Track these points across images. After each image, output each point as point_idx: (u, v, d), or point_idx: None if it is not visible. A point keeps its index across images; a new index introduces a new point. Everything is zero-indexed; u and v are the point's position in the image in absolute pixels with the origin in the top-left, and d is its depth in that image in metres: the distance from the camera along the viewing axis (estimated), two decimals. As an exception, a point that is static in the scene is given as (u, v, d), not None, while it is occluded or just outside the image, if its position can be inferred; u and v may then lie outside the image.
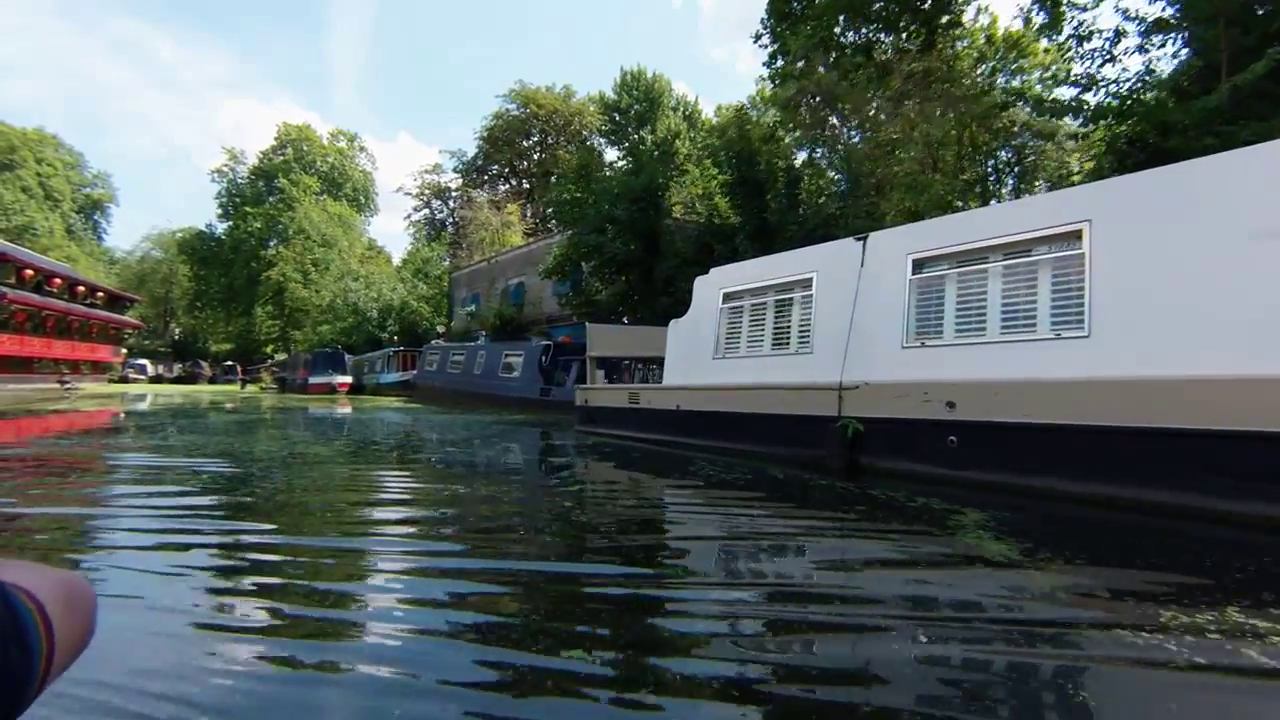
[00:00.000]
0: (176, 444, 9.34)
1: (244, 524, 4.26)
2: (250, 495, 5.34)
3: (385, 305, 34.66)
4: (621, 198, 18.53)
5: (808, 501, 5.44)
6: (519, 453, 8.93)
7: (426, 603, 2.77)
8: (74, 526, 4.26)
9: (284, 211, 62.35)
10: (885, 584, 3.14)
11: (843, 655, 2.31)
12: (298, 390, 30.93)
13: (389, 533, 4.19)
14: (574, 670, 2.12)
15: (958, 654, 2.24)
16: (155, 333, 74.64)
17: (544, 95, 53.59)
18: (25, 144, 64.21)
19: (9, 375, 36.75)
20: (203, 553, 3.56)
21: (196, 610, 2.63)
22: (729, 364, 8.30)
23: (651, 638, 2.45)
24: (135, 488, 5.90)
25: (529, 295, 27.36)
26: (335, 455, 8.33)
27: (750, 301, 8.22)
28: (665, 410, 8.89)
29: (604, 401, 10.31)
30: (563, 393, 15.58)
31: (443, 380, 21.36)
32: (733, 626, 2.56)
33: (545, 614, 2.70)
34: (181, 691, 1.94)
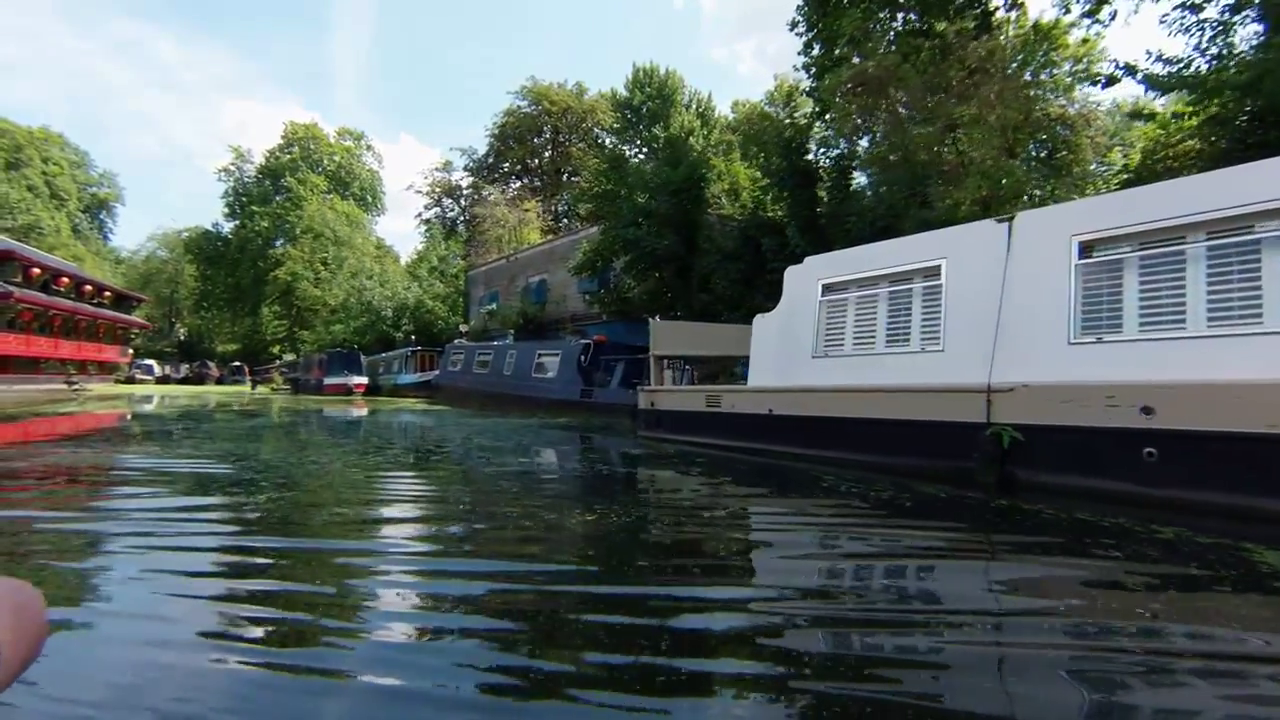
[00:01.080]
0: (191, 448, 8.79)
1: (282, 538, 3.96)
2: (277, 506, 4.85)
3: (400, 304, 33.82)
4: (661, 190, 17.67)
5: (962, 521, 4.65)
6: (575, 460, 8.10)
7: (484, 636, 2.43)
8: (83, 532, 4.07)
9: (291, 210, 61.61)
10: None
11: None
12: (312, 391, 30.11)
13: (446, 550, 3.68)
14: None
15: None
16: (161, 333, 73.92)
17: (556, 92, 52.79)
18: (31, 143, 63.56)
19: (15, 376, 36.00)
20: (222, 560, 3.44)
21: (201, 617, 2.55)
22: (831, 363, 7.44)
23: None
24: (146, 492, 5.60)
25: (552, 293, 26.52)
26: (365, 462, 7.54)
27: (856, 293, 7.36)
28: (753, 415, 8.04)
29: (674, 405, 9.46)
30: (606, 394, 14.75)
31: (468, 381, 20.50)
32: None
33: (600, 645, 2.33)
34: (184, 698, 1.93)
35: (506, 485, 6.14)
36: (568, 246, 26.35)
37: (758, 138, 17.98)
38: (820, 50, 21.10)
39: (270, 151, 68.28)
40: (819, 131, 17.28)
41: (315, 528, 4.23)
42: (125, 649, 2.26)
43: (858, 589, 3.13)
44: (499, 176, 53.94)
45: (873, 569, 3.42)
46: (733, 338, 10.85)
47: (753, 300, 17.78)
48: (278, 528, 4.20)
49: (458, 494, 5.73)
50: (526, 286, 28.16)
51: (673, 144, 19.52)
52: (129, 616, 2.54)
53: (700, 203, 18.40)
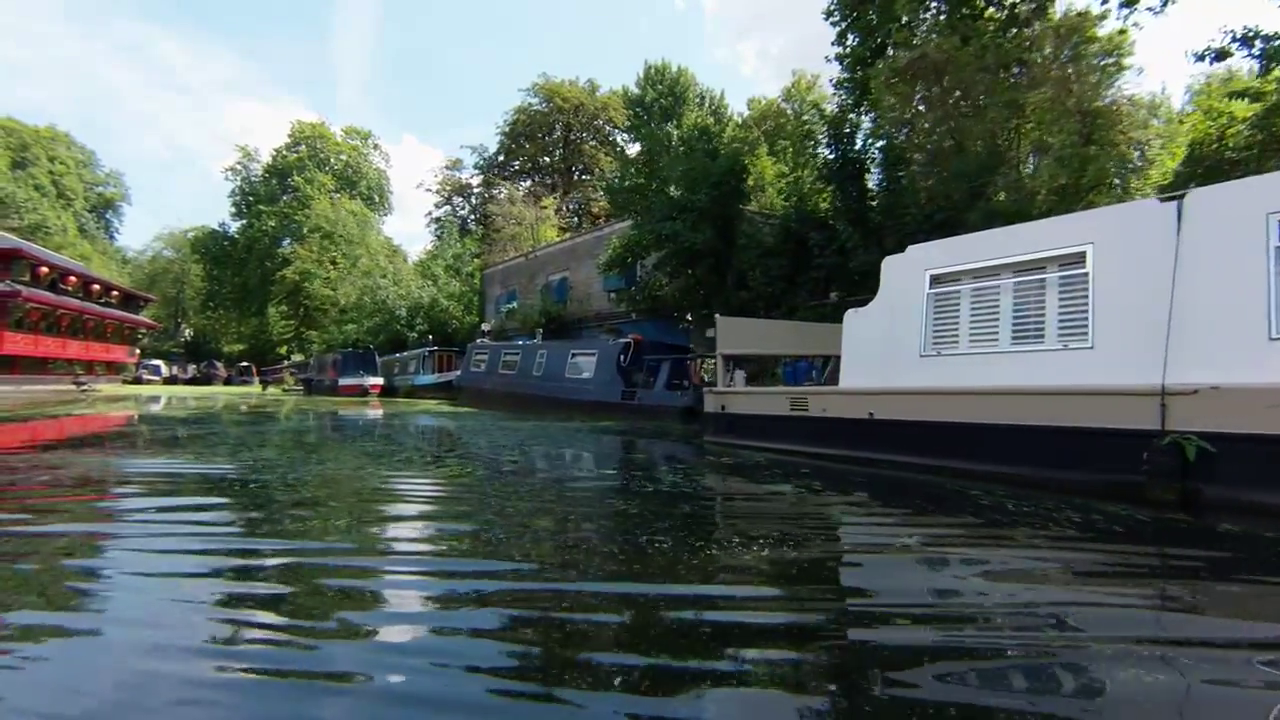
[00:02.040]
0: (205, 451, 8.37)
1: (313, 543, 3.81)
2: (310, 514, 4.59)
3: (414, 303, 33.10)
4: (701, 182, 16.92)
5: (1146, 543, 3.99)
6: (641, 468, 7.33)
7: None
8: (90, 534, 4.01)
9: (298, 210, 61.02)
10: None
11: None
12: (326, 392, 29.39)
13: (512, 572, 3.25)
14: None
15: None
16: (167, 333, 73.37)
17: (568, 88, 52.13)
18: (38, 142, 63.10)
19: (23, 376, 35.39)
20: (229, 564, 3.38)
21: (205, 622, 2.51)
22: (944, 363, 6.70)
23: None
24: (155, 495, 5.42)
25: (575, 291, 25.78)
26: (404, 471, 6.83)
27: (973, 285, 6.62)
28: (850, 419, 7.30)
29: (750, 408, 8.72)
30: (651, 396, 14.01)
31: (494, 382, 19.75)
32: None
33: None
34: (187, 702, 1.91)
35: (572, 497, 5.41)
36: (591, 243, 25.63)
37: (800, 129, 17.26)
38: (856, 40, 20.42)
39: (277, 150, 67.70)
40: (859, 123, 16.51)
41: (355, 538, 3.98)
42: (129, 653, 2.23)
43: (1012, 615, 2.67)
44: (510, 175, 53.28)
45: (1038, 591, 3.04)
46: (807, 335, 10.14)
47: (794, 298, 17.05)
48: (308, 535, 3.98)
49: (516, 506, 5.00)
50: (547, 285, 27.43)
51: (707, 135, 18.76)
52: (132, 621, 2.50)
53: (739, 196, 17.65)
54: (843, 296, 15.97)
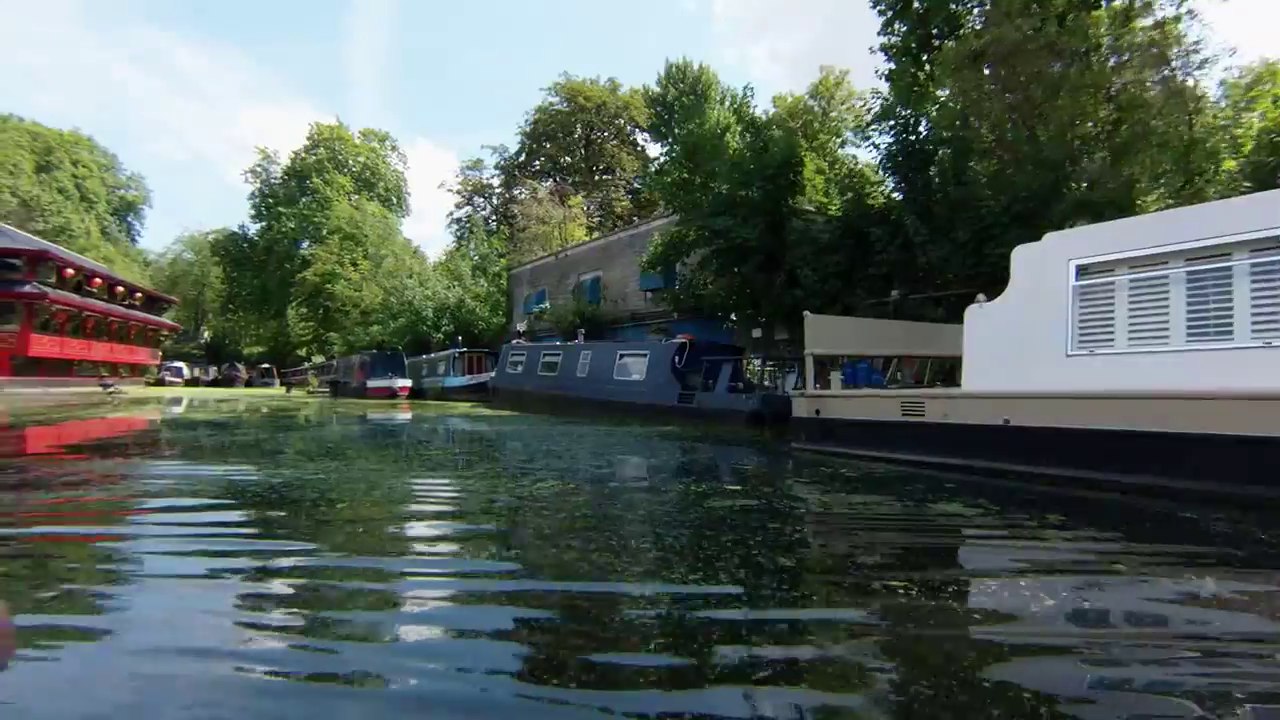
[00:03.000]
0: (241, 457, 8.20)
1: (364, 559, 3.66)
2: (362, 529, 4.42)
3: (440, 304, 32.58)
4: (754, 175, 16.20)
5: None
6: (730, 481, 6.63)
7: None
8: (114, 535, 4.09)
9: (317, 211, 60.89)
10: None
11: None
12: (353, 394, 28.92)
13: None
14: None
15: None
16: (187, 335, 73.52)
17: (590, 88, 51.59)
18: (62, 145, 63.40)
19: (50, 378, 35.22)
20: (251, 568, 3.36)
21: (225, 627, 2.50)
22: (1099, 362, 5.96)
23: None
24: (182, 501, 5.34)
25: (609, 291, 25.13)
26: (450, 482, 6.25)
27: (1131, 275, 5.87)
28: (979, 426, 6.56)
29: (852, 413, 8.00)
30: (711, 399, 13.29)
31: (533, 384, 19.10)
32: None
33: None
34: (207, 703, 1.92)
35: (662, 511, 4.72)
36: (626, 241, 24.99)
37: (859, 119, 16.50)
38: (906, 29, 19.63)
39: (296, 153, 67.71)
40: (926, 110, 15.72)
41: (391, 545, 3.94)
42: (147, 655, 2.23)
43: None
44: (531, 175, 52.81)
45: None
46: (906, 334, 9.43)
47: (851, 296, 16.29)
48: (362, 550, 3.85)
49: (593, 520, 4.41)
50: (579, 284, 26.80)
51: (756, 127, 18.05)
52: (151, 624, 2.50)
53: (793, 190, 16.90)
54: (905, 294, 15.21)
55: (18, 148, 57.01)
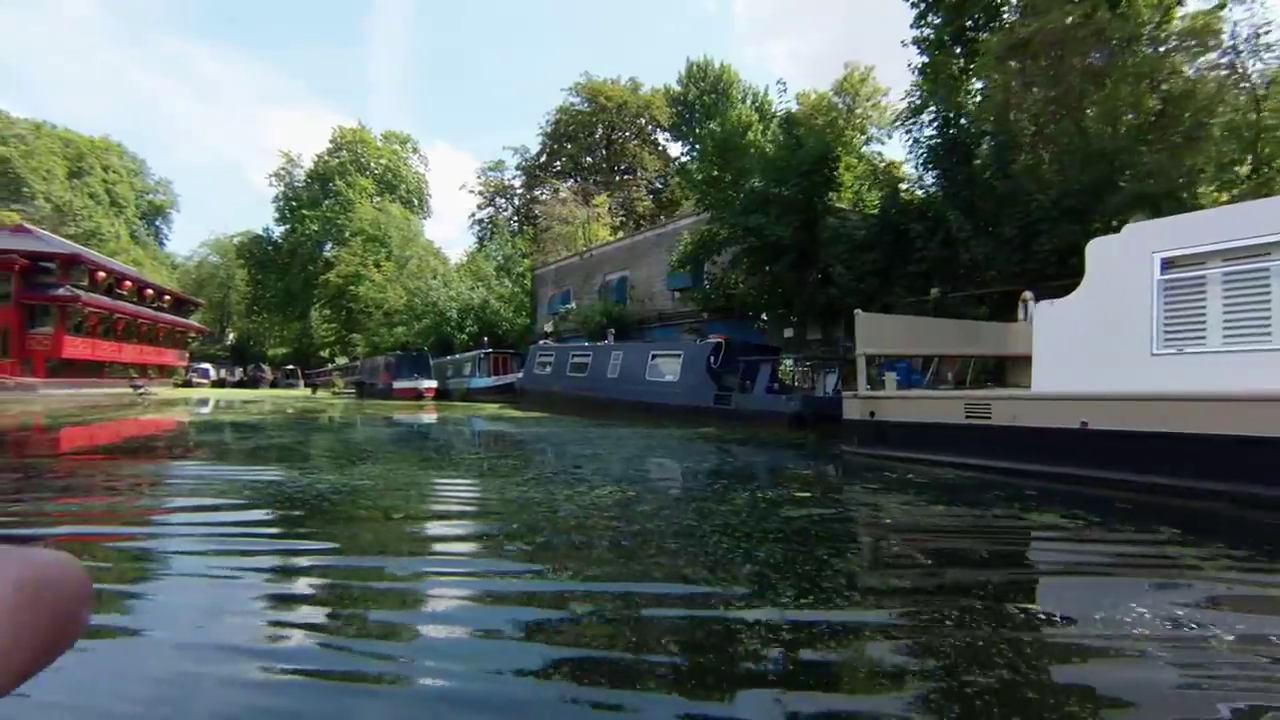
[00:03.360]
0: (275, 459, 8.16)
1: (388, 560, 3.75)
2: (392, 532, 4.40)
3: (465, 305, 32.55)
4: (789, 171, 15.86)
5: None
6: (766, 485, 6.34)
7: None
8: (142, 535, 4.10)
9: (340, 214, 61.40)
10: None
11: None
12: (379, 395, 28.95)
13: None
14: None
15: None
16: (212, 337, 74.55)
17: (611, 87, 51.44)
18: (92, 151, 64.63)
19: (82, 380, 35.80)
20: (279, 568, 3.39)
21: (250, 626, 2.53)
22: (1190, 362, 5.59)
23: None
24: (212, 501, 5.37)
25: (636, 291, 24.88)
26: (493, 487, 5.93)
27: (1226, 268, 5.50)
28: (1052, 429, 6.22)
29: (910, 415, 7.67)
30: (749, 400, 12.98)
31: (561, 385, 18.90)
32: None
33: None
34: (230, 703, 1.93)
35: (714, 517, 4.44)
36: (653, 241, 24.73)
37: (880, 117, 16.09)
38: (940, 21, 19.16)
39: (319, 156, 68.34)
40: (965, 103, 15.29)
41: (423, 546, 3.97)
42: (173, 655, 2.24)
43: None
44: (553, 175, 52.78)
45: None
46: (960, 333, 9.07)
47: (888, 294, 15.89)
48: (385, 549, 3.93)
49: (641, 528, 4.12)
50: (605, 285, 26.58)
51: (791, 122, 17.71)
52: (177, 624, 2.50)
53: (828, 186, 16.52)
54: (945, 291, 14.79)
55: (51, 154, 58.19)
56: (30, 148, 56.18)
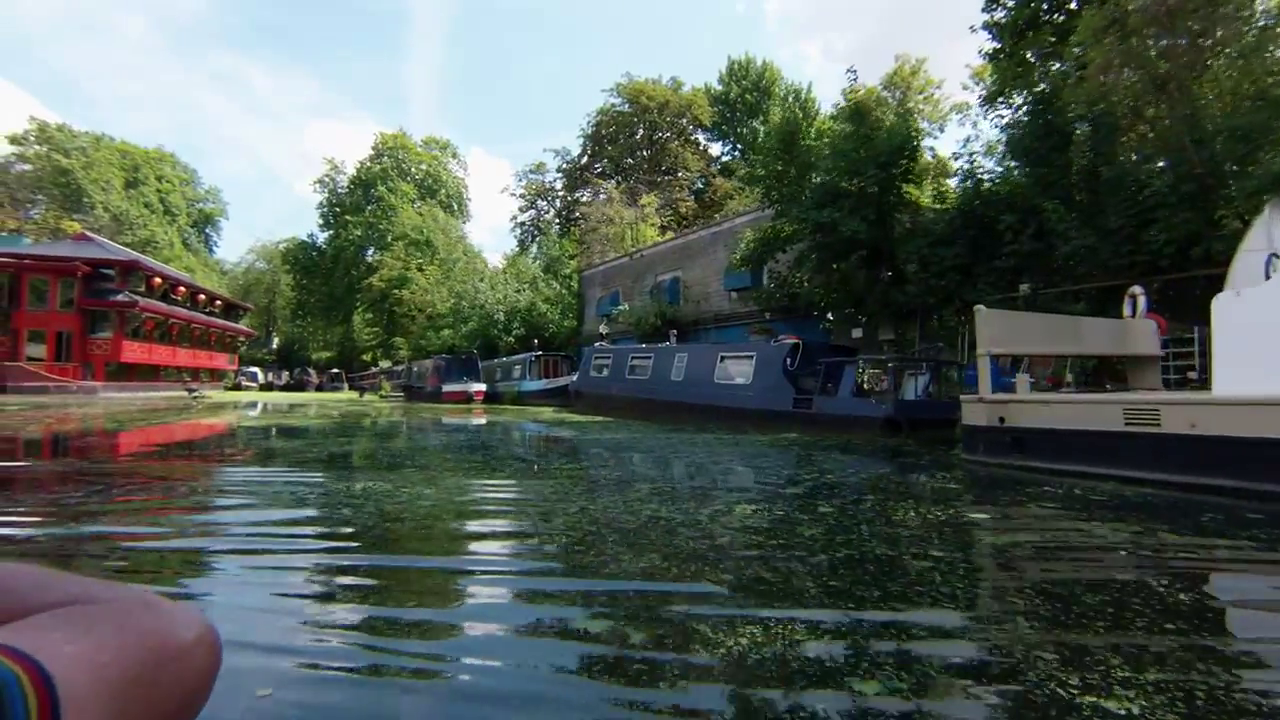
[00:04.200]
0: (329, 462, 8.04)
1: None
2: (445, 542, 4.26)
3: (511, 307, 32.35)
4: (865, 162, 15.08)
5: None
6: (874, 498, 5.62)
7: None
8: (205, 539, 4.08)
9: (382, 218, 62.20)
10: None
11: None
12: (428, 399, 28.85)
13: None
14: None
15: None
16: (258, 341, 76.23)
17: (653, 87, 50.99)
18: (147, 162, 66.64)
19: (139, 383, 36.64)
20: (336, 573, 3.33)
21: (288, 631, 2.50)
22: None
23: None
24: (272, 504, 5.28)
25: (690, 291, 24.27)
26: (564, 496, 5.32)
27: None
28: (1243, 439, 5.42)
29: (1053, 421, 6.89)
30: (833, 404, 12.25)
31: (619, 387, 18.37)
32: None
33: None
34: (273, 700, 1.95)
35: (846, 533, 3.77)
36: (707, 240, 24.11)
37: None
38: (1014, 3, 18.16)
39: (361, 162, 69.41)
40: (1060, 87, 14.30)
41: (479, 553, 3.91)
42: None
43: None
44: (595, 176, 52.56)
45: None
46: (1090, 331, 8.25)
47: (969, 292, 14.98)
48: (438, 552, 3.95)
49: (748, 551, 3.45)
50: (656, 285, 26.02)
51: (860, 111, 16.91)
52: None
53: (906, 178, 15.68)
54: (1036, 288, 13.85)
55: (109, 165, 60.14)
56: (90, 159, 58.11)
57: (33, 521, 4.47)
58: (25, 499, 5.43)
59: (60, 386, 31.22)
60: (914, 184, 15.86)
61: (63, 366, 33.16)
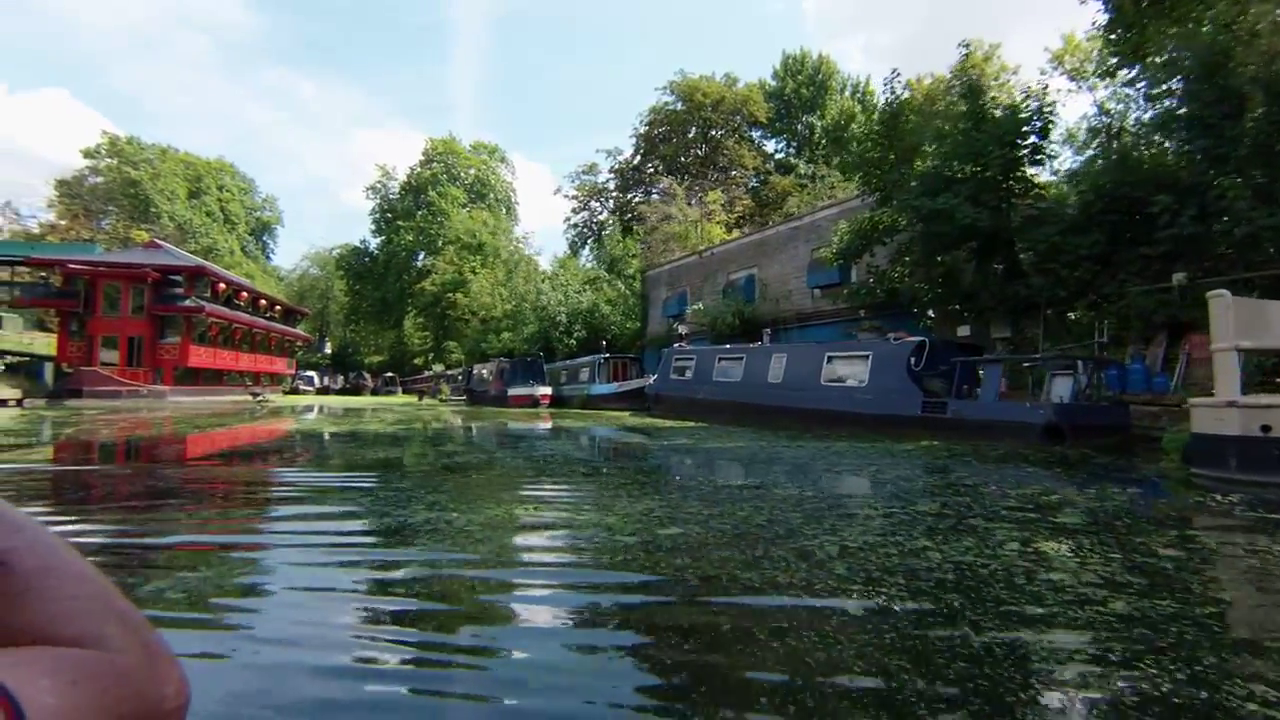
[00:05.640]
0: (402, 472, 7.64)
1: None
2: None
3: (573, 309, 31.60)
4: (986, 141, 13.71)
5: None
6: (1090, 532, 4.39)
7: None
8: (263, 551, 4.08)
9: (434, 223, 62.56)
10: None
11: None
12: (492, 402, 28.24)
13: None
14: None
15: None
16: (312, 346, 77.61)
17: (708, 84, 49.94)
18: (209, 173, 68.47)
19: (204, 387, 37.10)
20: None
21: (338, 637, 2.53)
22: None
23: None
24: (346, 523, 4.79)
25: (769, 289, 23.05)
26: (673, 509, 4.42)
27: None
28: None
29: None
30: (973, 409, 10.95)
31: (707, 391, 17.25)
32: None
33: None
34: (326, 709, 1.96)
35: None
36: (786, 235, 22.88)
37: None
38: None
39: (412, 168, 70.10)
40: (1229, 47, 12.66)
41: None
42: (260, 667, 2.25)
43: None
44: (648, 175, 51.72)
45: None
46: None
47: (1109, 283, 13.48)
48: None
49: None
50: (730, 284, 24.87)
51: (974, 92, 15.53)
52: (272, 637, 2.52)
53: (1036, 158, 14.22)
54: (1193, 277, 12.29)
55: (174, 176, 61.93)
56: (157, 170, 59.88)
57: (105, 527, 4.48)
58: (100, 503, 5.51)
59: (132, 391, 31.67)
60: (1040, 165, 14.40)
61: (134, 371, 33.69)
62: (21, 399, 28.15)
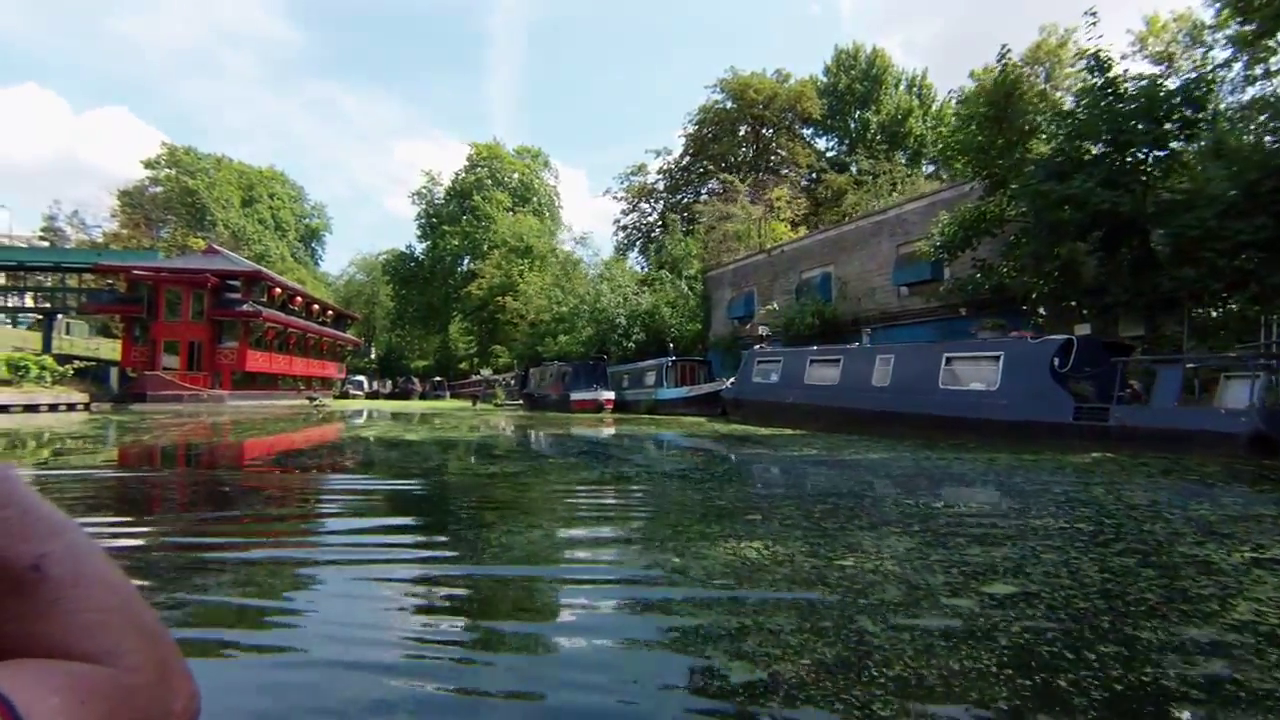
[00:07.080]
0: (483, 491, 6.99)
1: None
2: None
3: (632, 311, 30.69)
4: (1130, 117, 12.32)
5: None
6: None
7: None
8: (313, 551, 4.13)
9: (479, 228, 62.61)
10: None
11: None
12: (553, 408, 27.45)
13: None
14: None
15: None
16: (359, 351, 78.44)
17: (760, 81, 48.71)
18: (261, 181, 69.88)
19: (261, 391, 37.26)
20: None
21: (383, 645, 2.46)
22: None
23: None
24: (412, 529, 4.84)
25: (849, 288, 21.76)
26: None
27: None
28: None
29: None
30: (1143, 415, 9.61)
31: (796, 395, 16.06)
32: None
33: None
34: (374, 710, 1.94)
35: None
36: (868, 231, 21.58)
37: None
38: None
39: (457, 173, 70.42)
40: None
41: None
42: (310, 668, 2.23)
43: None
44: (695, 178, 50.71)
45: None
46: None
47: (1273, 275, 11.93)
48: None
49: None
50: (803, 284, 23.64)
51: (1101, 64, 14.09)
52: (319, 637, 2.51)
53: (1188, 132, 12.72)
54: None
55: (228, 185, 63.26)
56: (213, 180, 61.18)
57: (162, 531, 4.45)
58: (161, 511, 5.54)
59: (193, 395, 31.85)
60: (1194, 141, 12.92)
61: (194, 375, 33.94)
62: (89, 403, 28.49)
